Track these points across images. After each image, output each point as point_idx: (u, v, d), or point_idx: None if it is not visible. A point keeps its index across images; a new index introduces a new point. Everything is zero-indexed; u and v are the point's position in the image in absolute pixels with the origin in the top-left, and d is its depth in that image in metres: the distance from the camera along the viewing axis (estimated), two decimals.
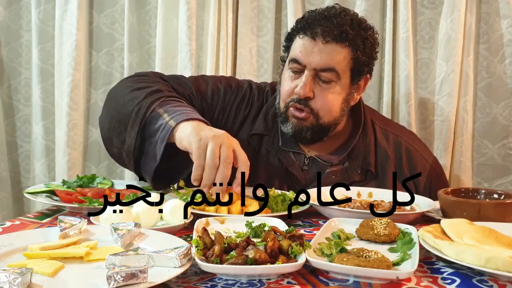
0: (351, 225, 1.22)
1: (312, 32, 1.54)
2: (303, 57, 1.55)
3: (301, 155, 1.67)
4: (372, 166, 1.63)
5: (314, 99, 1.57)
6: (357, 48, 1.56)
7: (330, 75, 1.55)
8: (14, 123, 2.50)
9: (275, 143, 1.66)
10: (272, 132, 1.67)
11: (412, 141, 1.74)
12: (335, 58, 1.54)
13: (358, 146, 1.66)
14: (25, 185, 2.47)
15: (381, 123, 1.74)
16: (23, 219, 1.36)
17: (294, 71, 1.59)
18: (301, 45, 1.56)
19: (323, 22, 1.54)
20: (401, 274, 0.93)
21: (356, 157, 1.65)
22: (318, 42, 1.53)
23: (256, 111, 1.71)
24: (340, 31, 1.53)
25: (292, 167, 1.65)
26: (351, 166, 1.64)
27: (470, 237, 1.04)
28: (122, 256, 0.92)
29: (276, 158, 1.66)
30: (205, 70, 2.23)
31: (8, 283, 0.83)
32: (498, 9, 2.04)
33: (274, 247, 0.98)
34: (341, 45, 1.54)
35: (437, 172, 1.74)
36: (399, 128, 1.82)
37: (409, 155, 1.69)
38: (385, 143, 1.68)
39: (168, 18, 2.26)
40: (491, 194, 1.41)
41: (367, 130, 1.68)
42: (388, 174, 1.65)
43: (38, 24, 2.36)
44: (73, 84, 2.31)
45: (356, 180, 1.62)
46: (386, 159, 1.66)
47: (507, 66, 2.05)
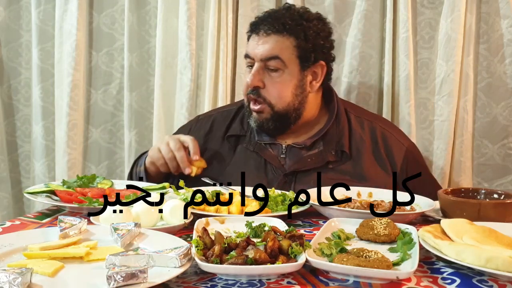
0: (351, 225, 1.22)
1: (257, 29, 1.73)
2: (250, 51, 1.73)
3: (278, 145, 1.79)
4: (346, 147, 1.74)
5: (265, 88, 1.71)
6: (298, 36, 1.71)
7: (275, 63, 1.70)
8: (14, 123, 2.50)
9: (252, 140, 1.80)
10: (248, 131, 1.82)
11: (387, 126, 1.85)
12: (277, 47, 1.70)
13: (332, 132, 1.77)
14: (25, 185, 2.47)
15: (356, 111, 1.86)
16: (23, 219, 1.36)
17: (248, 65, 1.76)
18: (250, 41, 1.76)
19: (267, 19, 1.74)
20: (401, 274, 0.93)
21: (330, 140, 1.76)
22: (261, 35, 1.72)
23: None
24: (279, 23, 1.71)
25: (269, 158, 1.76)
26: (325, 149, 1.74)
27: (470, 237, 1.04)
28: (122, 256, 0.92)
29: (254, 153, 1.78)
30: (205, 70, 2.23)
31: (8, 283, 0.83)
32: (498, 9, 2.04)
33: (274, 247, 0.98)
34: (281, 35, 1.70)
35: (414, 155, 1.83)
36: (374, 115, 1.94)
37: (385, 139, 1.79)
38: (360, 129, 1.79)
39: (168, 18, 2.26)
40: (491, 194, 1.41)
41: (340, 118, 1.79)
42: (363, 156, 1.75)
43: (38, 24, 2.36)
44: (73, 84, 2.31)
45: (330, 160, 1.72)
46: (361, 143, 1.77)
47: (507, 66, 2.05)
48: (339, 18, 2.16)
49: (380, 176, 1.73)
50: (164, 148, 1.67)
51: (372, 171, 1.73)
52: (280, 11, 1.77)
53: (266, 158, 1.76)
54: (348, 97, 2.16)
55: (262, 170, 1.75)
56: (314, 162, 1.73)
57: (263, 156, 1.77)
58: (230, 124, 1.85)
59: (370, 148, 1.76)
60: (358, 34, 2.11)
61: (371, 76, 2.15)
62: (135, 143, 2.35)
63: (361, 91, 2.15)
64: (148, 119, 2.36)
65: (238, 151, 1.80)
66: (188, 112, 2.22)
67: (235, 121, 1.86)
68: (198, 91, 2.28)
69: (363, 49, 2.12)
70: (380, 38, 2.14)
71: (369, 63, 2.14)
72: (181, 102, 2.25)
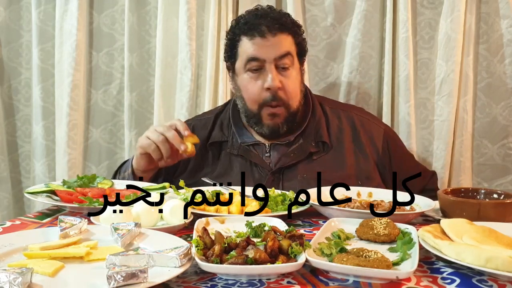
0: (351, 225, 1.22)
1: (258, 31, 1.71)
2: (260, 53, 1.71)
3: (261, 145, 1.81)
4: (325, 137, 1.79)
5: (281, 89, 1.72)
6: (296, 33, 1.77)
7: (288, 59, 1.73)
8: (14, 123, 2.50)
9: (234, 144, 1.80)
10: (230, 136, 1.83)
11: (363, 114, 1.91)
12: (287, 44, 1.73)
13: (310, 125, 1.81)
14: (25, 185, 2.47)
15: (330, 104, 1.91)
16: (23, 219, 1.36)
17: (253, 69, 1.73)
18: (253, 44, 1.72)
19: (263, 21, 1.72)
20: (401, 274, 0.93)
21: (309, 133, 1.80)
22: (268, 37, 1.71)
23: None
24: (280, 23, 1.73)
25: (254, 158, 1.78)
26: (305, 142, 1.78)
27: (470, 237, 1.04)
28: (122, 256, 0.92)
29: (239, 156, 1.79)
30: (205, 70, 2.23)
31: (8, 283, 0.83)
32: (498, 9, 2.04)
33: (274, 247, 0.98)
34: (285, 33, 1.73)
35: (392, 136, 1.92)
36: (348, 105, 2.02)
37: (363, 125, 1.85)
38: (337, 120, 1.84)
39: (168, 18, 2.26)
40: (491, 194, 1.41)
41: (316, 112, 1.84)
42: (345, 144, 1.80)
43: (38, 24, 2.36)
44: (73, 84, 2.31)
45: (312, 151, 1.76)
46: (341, 132, 1.81)
47: (507, 66, 2.05)
48: (339, 18, 2.16)
49: (361, 162, 1.78)
50: (153, 134, 1.62)
51: (353, 158, 1.77)
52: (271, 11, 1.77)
53: (251, 160, 1.77)
54: (348, 97, 2.16)
55: (248, 171, 1.76)
56: (297, 156, 1.75)
57: (248, 158, 1.78)
58: (210, 132, 1.85)
59: (350, 137, 1.81)
60: (358, 34, 2.12)
61: (371, 76, 2.16)
62: (135, 143, 2.34)
63: (361, 91, 2.16)
64: (148, 119, 2.36)
65: (223, 156, 1.81)
66: (188, 112, 2.22)
67: (215, 128, 1.86)
68: (198, 91, 2.28)
69: (363, 49, 2.13)
70: (380, 38, 2.15)
71: (369, 63, 2.14)
72: (181, 102, 2.25)
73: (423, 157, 2.11)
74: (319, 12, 2.16)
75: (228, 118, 1.86)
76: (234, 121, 1.84)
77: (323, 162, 1.75)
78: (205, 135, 1.84)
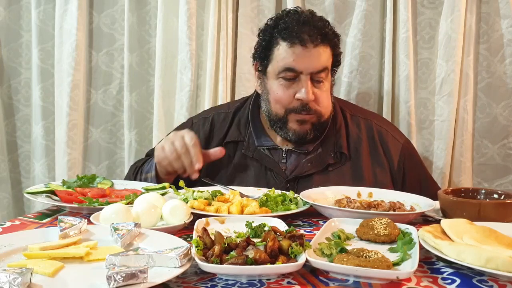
0: (351, 225, 1.22)
1: (300, 39, 1.64)
2: (298, 65, 1.65)
3: (278, 150, 1.76)
4: (344, 149, 1.73)
5: (314, 100, 1.67)
6: (335, 45, 1.73)
7: (324, 73, 1.68)
8: (14, 123, 2.50)
9: (250, 146, 1.76)
10: (246, 137, 1.78)
11: (382, 123, 1.86)
12: (325, 58, 1.68)
13: (329, 133, 1.76)
14: (25, 185, 2.47)
15: (351, 110, 1.85)
16: (23, 219, 1.36)
17: (288, 78, 1.68)
18: (292, 53, 1.65)
19: (306, 28, 1.65)
20: (401, 274, 0.93)
21: (328, 143, 1.75)
22: (309, 47, 1.64)
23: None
24: (322, 33, 1.66)
25: (269, 163, 1.74)
26: (324, 151, 1.74)
27: (470, 237, 1.04)
28: (122, 256, 0.92)
29: (254, 160, 1.75)
30: (205, 70, 2.23)
31: (8, 283, 0.83)
32: (498, 9, 2.04)
33: (274, 247, 0.98)
34: (326, 45, 1.68)
35: (409, 151, 1.84)
36: (368, 112, 1.93)
37: (381, 136, 1.79)
38: (356, 129, 1.80)
39: (168, 18, 2.26)
40: (491, 194, 1.41)
41: (337, 118, 1.79)
42: (362, 154, 1.75)
43: (38, 24, 2.36)
44: (73, 84, 2.31)
45: (330, 162, 1.72)
46: (359, 142, 1.76)
47: (507, 66, 2.05)
48: (339, 18, 2.16)
49: (378, 175, 1.73)
50: (169, 147, 1.61)
51: (371, 170, 1.73)
52: (314, 18, 1.70)
53: (266, 165, 1.74)
54: (348, 97, 2.16)
55: (263, 177, 1.73)
56: (314, 166, 1.71)
57: (263, 163, 1.74)
58: (228, 130, 1.81)
59: (367, 147, 1.77)
60: (358, 34, 2.12)
61: (371, 76, 2.16)
62: (135, 143, 2.35)
63: (361, 91, 2.16)
64: (148, 119, 2.36)
65: (237, 157, 1.77)
66: (188, 112, 2.22)
67: (232, 126, 1.82)
68: (198, 91, 2.28)
69: (363, 49, 2.13)
70: (380, 38, 2.15)
71: (369, 63, 2.14)
72: (181, 102, 2.25)
73: (424, 157, 2.11)
74: (319, 12, 2.14)
75: (246, 116, 1.81)
76: (252, 121, 1.80)
77: (340, 173, 1.71)
78: (222, 133, 1.81)
